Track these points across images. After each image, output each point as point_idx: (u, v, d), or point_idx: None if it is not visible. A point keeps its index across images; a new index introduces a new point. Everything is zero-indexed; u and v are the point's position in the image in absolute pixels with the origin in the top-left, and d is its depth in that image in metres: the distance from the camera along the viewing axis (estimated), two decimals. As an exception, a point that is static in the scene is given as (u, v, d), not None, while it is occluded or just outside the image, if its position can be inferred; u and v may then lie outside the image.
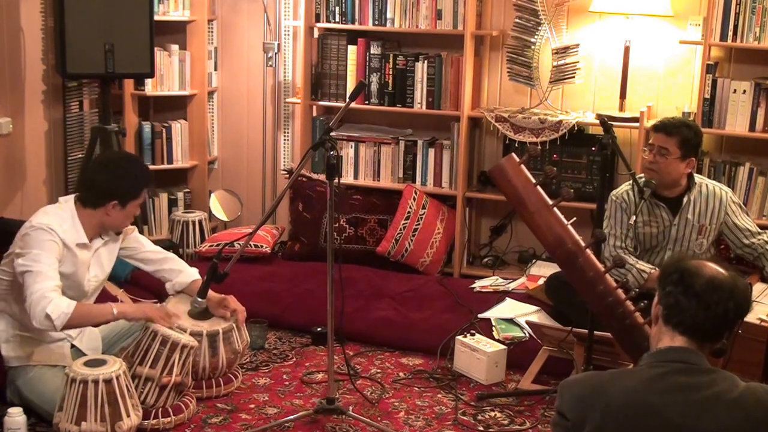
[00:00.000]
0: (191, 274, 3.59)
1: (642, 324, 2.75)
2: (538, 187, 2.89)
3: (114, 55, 4.42)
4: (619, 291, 2.80)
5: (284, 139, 5.54)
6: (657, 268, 3.81)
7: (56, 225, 3.17)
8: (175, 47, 5.25)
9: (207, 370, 3.48)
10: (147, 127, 5.29)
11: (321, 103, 5.17)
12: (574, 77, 4.73)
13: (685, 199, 3.84)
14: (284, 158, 5.55)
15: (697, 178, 3.90)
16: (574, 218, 2.88)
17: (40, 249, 3.11)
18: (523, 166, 2.91)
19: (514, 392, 3.64)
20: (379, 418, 3.40)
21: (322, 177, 5.02)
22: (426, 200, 4.95)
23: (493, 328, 4.04)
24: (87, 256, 3.30)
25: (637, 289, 2.88)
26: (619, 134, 4.09)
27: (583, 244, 2.85)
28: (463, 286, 4.60)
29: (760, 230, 3.90)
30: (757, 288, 3.65)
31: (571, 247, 2.82)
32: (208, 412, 3.40)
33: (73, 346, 3.37)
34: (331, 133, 3.18)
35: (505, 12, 4.92)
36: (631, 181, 3.91)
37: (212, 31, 5.47)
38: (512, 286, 4.56)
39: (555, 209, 2.87)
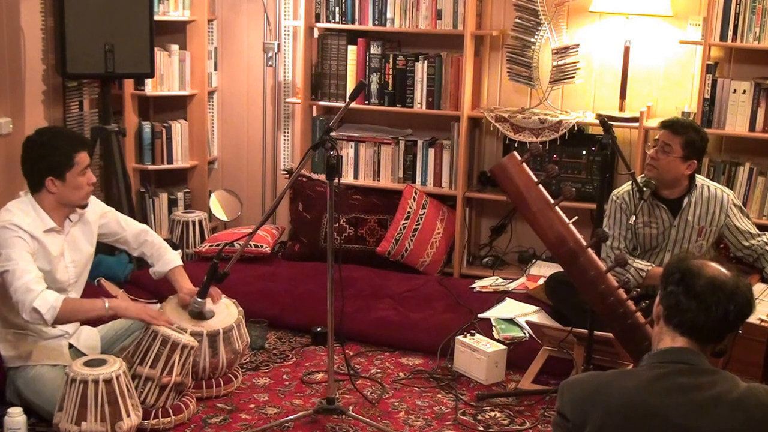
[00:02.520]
0: (169, 261, 3.55)
1: (643, 324, 2.75)
2: (540, 186, 2.89)
3: (114, 55, 4.42)
4: (621, 291, 2.80)
5: (284, 139, 5.54)
6: (654, 266, 3.81)
7: (18, 219, 3.15)
8: (175, 47, 5.25)
9: (207, 370, 3.48)
10: (147, 127, 5.30)
11: (321, 103, 5.17)
12: (574, 77, 4.73)
13: (685, 201, 3.84)
14: (284, 158, 5.55)
15: (699, 179, 3.89)
16: (576, 217, 2.88)
17: (8, 248, 3.10)
18: (525, 165, 2.91)
19: (514, 392, 3.64)
20: (379, 418, 3.40)
21: (322, 177, 5.02)
22: (426, 200, 4.95)
23: (493, 328, 4.04)
24: (59, 241, 3.28)
25: (638, 289, 2.88)
26: (619, 134, 4.09)
27: (584, 243, 2.85)
28: (463, 286, 4.59)
29: (759, 232, 3.90)
30: (758, 288, 3.66)
31: (572, 246, 2.82)
32: (208, 412, 3.40)
33: (71, 346, 3.37)
34: (331, 133, 3.18)
35: (505, 12, 4.92)
36: (632, 182, 3.91)
37: (212, 31, 5.47)
38: (512, 286, 4.55)
39: (557, 208, 2.87)
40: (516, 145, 4.65)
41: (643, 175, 3.89)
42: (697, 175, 3.88)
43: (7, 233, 3.12)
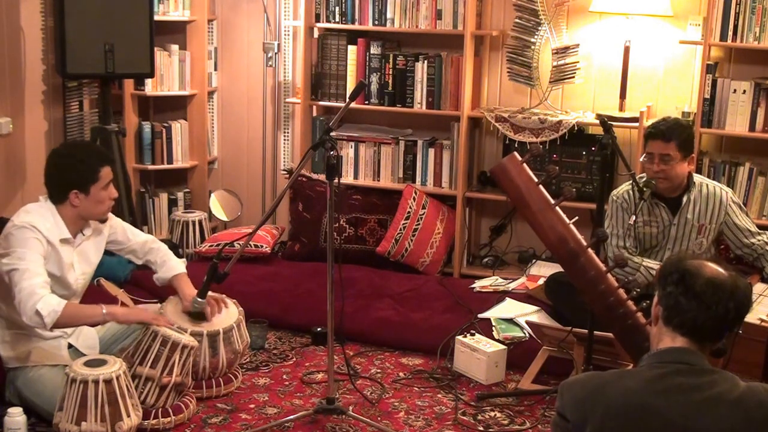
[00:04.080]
0: (172, 268, 3.58)
1: (643, 324, 2.75)
2: (541, 187, 2.89)
3: (114, 55, 4.42)
4: (621, 291, 2.80)
5: (284, 139, 5.54)
6: None
7: (38, 223, 3.17)
8: (175, 47, 5.25)
9: (207, 370, 3.48)
10: (147, 127, 5.30)
11: (321, 103, 5.17)
12: (574, 77, 4.73)
13: (684, 199, 3.85)
14: (284, 158, 5.55)
15: (697, 177, 3.90)
16: (576, 217, 2.88)
17: (24, 247, 3.11)
18: (525, 165, 2.91)
19: (514, 392, 3.64)
20: (379, 418, 3.40)
21: (322, 177, 5.02)
22: (426, 200, 4.95)
23: (493, 328, 4.04)
24: (70, 252, 3.30)
25: (638, 290, 2.88)
26: (619, 134, 4.09)
27: (584, 243, 2.85)
28: (463, 286, 4.59)
29: (759, 231, 3.90)
30: (757, 288, 3.66)
31: (573, 247, 2.82)
32: (208, 412, 3.40)
33: (71, 345, 3.37)
34: (331, 133, 3.18)
35: (505, 12, 4.92)
36: (631, 181, 3.91)
37: (212, 31, 5.47)
38: (512, 286, 4.55)
39: (557, 208, 2.87)
40: (516, 145, 4.65)
41: (642, 174, 3.89)
42: (695, 174, 3.89)
43: (25, 233, 3.14)
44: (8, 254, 3.12)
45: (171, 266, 3.59)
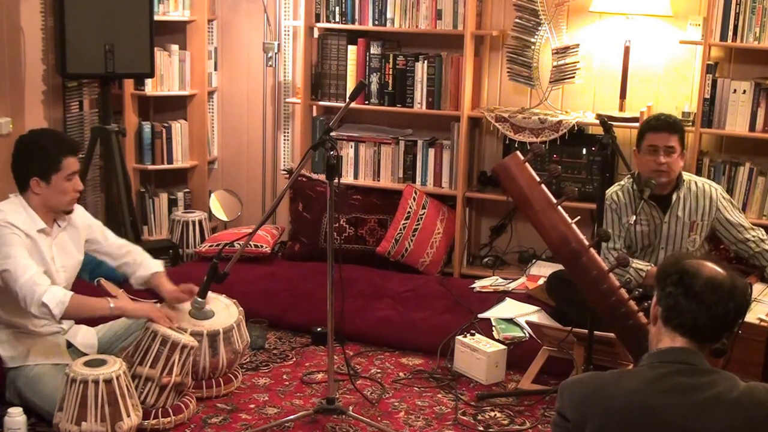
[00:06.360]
0: (150, 267, 3.54)
1: (645, 324, 2.75)
2: (543, 186, 2.89)
3: (114, 55, 4.42)
4: (622, 291, 2.80)
5: (284, 139, 5.54)
6: (653, 265, 3.82)
7: (13, 218, 3.16)
8: (175, 47, 5.25)
9: (207, 370, 3.48)
10: (147, 127, 5.30)
11: (321, 103, 5.17)
12: (574, 77, 4.73)
13: (674, 197, 3.85)
14: (284, 158, 5.55)
15: (685, 175, 3.92)
16: (578, 217, 2.88)
17: (7, 245, 3.11)
18: (527, 165, 2.91)
19: (514, 392, 3.64)
20: (379, 418, 3.40)
21: (322, 177, 5.02)
22: (426, 200, 4.95)
23: (493, 328, 4.04)
24: (49, 244, 3.29)
25: (640, 289, 2.88)
26: (619, 134, 4.09)
27: (586, 243, 2.85)
28: (463, 286, 4.59)
29: (752, 225, 3.91)
30: (757, 288, 3.66)
31: (575, 246, 2.82)
32: (208, 412, 3.40)
33: (70, 345, 3.37)
34: (331, 133, 3.18)
35: (505, 12, 4.92)
36: (621, 182, 3.94)
37: (212, 31, 5.47)
38: (512, 286, 4.55)
39: (559, 208, 2.87)
40: (516, 145, 4.65)
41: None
42: (683, 172, 3.90)
43: (3, 230, 3.13)
44: None
45: (149, 265, 3.55)
